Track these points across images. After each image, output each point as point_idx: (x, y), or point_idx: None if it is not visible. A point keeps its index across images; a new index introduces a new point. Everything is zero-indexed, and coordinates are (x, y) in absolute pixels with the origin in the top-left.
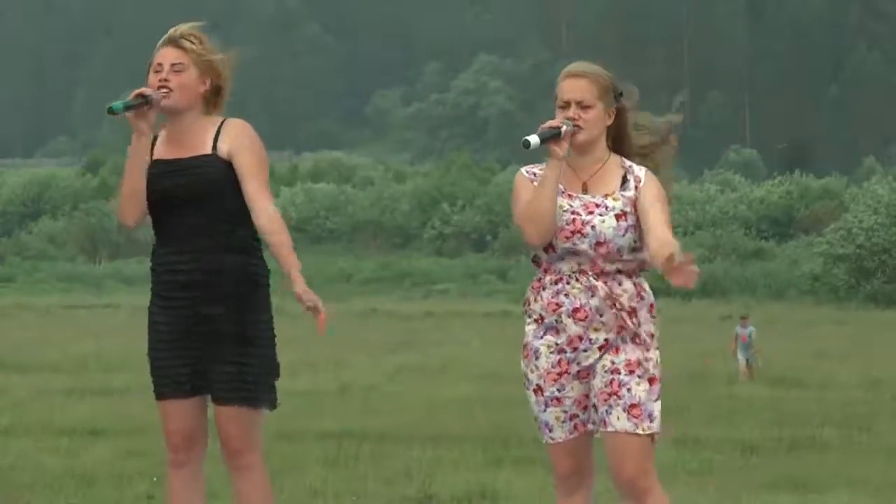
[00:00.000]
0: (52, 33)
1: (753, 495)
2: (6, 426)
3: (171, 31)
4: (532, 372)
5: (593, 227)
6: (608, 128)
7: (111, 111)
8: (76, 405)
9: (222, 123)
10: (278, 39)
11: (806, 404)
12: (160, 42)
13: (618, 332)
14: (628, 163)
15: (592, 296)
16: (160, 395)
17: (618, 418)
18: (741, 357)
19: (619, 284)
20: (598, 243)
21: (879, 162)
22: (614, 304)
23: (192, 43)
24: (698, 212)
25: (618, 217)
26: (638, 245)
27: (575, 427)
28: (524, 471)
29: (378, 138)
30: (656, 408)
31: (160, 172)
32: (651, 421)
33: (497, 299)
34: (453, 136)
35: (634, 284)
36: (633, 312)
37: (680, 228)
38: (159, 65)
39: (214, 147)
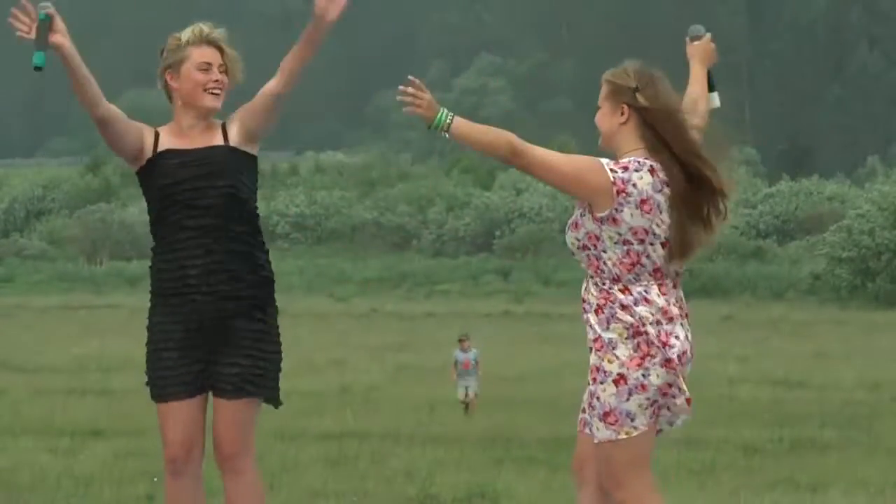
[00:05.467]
0: None
1: (754, 495)
2: (6, 426)
3: (206, 30)
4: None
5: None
6: (637, 126)
7: (38, 68)
8: (76, 406)
9: (224, 123)
10: (279, 38)
11: (806, 405)
12: (194, 37)
13: (587, 338)
14: (626, 160)
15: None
16: (164, 397)
17: (597, 428)
18: (461, 385)
19: (587, 287)
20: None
21: (882, 162)
22: (584, 310)
23: (228, 47)
24: None
25: (571, 216)
26: (584, 244)
27: (580, 420)
28: (525, 471)
29: (379, 138)
30: (633, 406)
31: (172, 164)
32: (632, 420)
33: (498, 300)
34: None
35: (600, 290)
36: (599, 311)
37: None
38: (207, 64)
39: (226, 139)
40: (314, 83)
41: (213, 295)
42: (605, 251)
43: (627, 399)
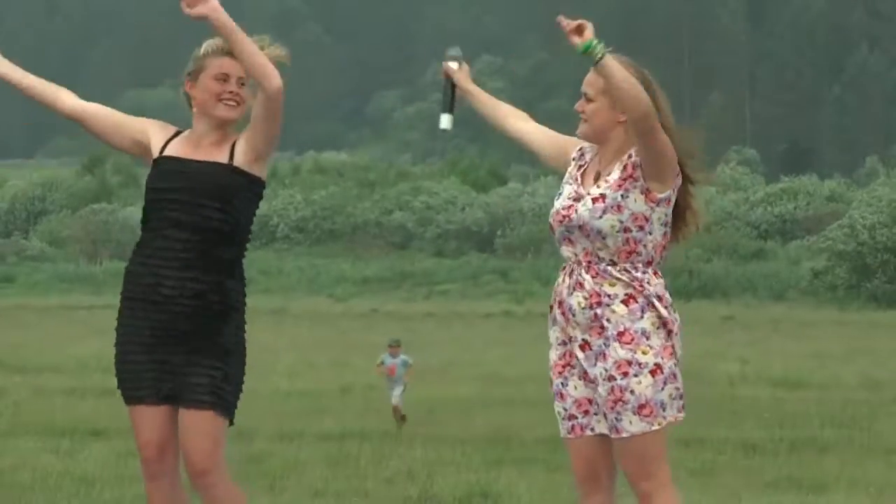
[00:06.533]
0: (53, 33)
1: (755, 495)
2: (6, 426)
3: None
4: (550, 361)
5: (577, 211)
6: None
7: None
8: (76, 405)
9: (236, 139)
10: (279, 40)
11: (807, 405)
12: (216, 48)
13: (600, 333)
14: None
15: (571, 293)
16: (133, 400)
17: (630, 423)
18: (391, 393)
19: (608, 276)
20: (580, 227)
21: (882, 162)
22: (600, 302)
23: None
24: None
25: (594, 200)
26: (626, 227)
27: (572, 428)
28: (525, 471)
29: (379, 138)
30: (666, 396)
31: (167, 170)
32: (664, 410)
33: (498, 300)
34: (455, 136)
35: (631, 277)
36: (630, 300)
37: None
38: (225, 75)
39: (231, 157)
40: (315, 84)
41: (183, 308)
42: (650, 233)
43: (662, 389)
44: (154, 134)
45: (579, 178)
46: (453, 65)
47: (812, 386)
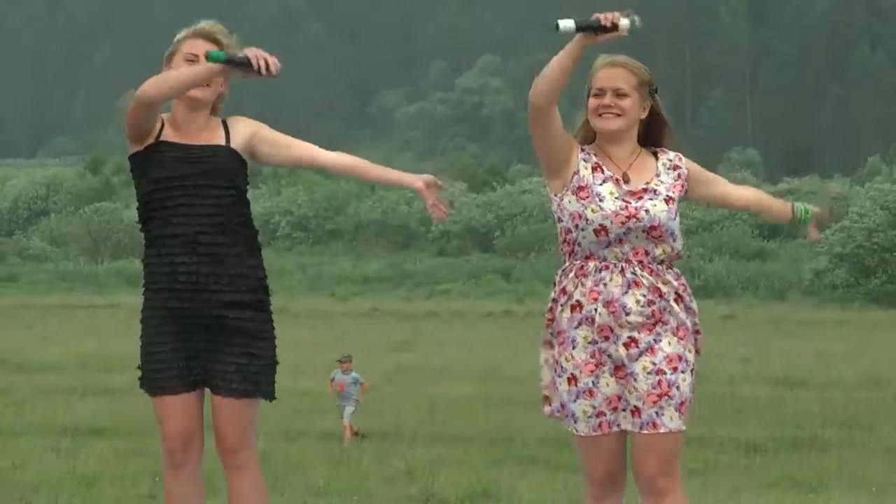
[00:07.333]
0: (54, 33)
1: (755, 495)
2: (8, 426)
3: (203, 25)
4: (567, 361)
5: (647, 211)
6: (641, 122)
7: (211, 58)
8: (78, 405)
9: (225, 121)
10: (281, 39)
11: (808, 404)
12: (187, 34)
13: (651, 330)
14: (660, 151)
15: (626, 292)
16: (161, 390)
17: (671, 418)
18: (341, 411)
19: (661, 275)
20: (652, 227)
21: (884, 162)
22: (660, 296)
23: (226, 40)
24: (702, 211)
25: (666, 201)
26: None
27: (599, 425)
28: (527, 470)
29: (381, 138)
30: (692, 396)
31: (170, 157)
32: (689, 406)
33: (500, 299)
34: (456, 136)
35: (677, 277)
36: (679, 300)
37: (683, 227)
38: (194, 55)
39: (228, 141)
40: (316, 83)
41: (206, 293)
42: None
43: (693, 390)
44: (157, 122)
45: (619, 180)
46: (625, 21)
47: (813, 385)
